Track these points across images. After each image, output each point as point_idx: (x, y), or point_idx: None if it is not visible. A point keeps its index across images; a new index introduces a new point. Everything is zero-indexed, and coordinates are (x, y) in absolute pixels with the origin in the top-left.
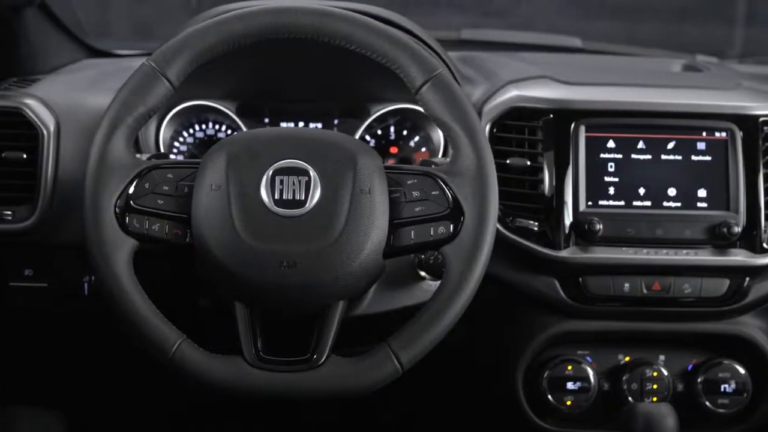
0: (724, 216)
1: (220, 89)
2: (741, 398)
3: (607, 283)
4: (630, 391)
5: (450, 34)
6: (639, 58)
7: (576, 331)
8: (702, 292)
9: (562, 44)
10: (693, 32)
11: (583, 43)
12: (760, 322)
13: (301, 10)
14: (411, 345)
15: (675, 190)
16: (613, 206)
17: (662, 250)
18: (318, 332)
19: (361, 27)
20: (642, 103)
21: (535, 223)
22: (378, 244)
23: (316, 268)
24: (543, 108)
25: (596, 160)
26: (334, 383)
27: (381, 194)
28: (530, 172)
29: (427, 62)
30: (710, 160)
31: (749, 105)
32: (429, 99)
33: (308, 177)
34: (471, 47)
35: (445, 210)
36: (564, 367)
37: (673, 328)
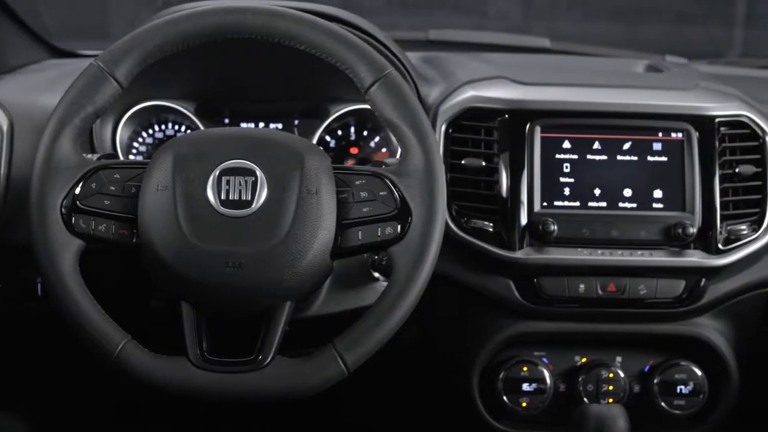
0: (680, 217)
1: (178, 89)
2: (697, 399)
3: (562, 284)
4: (586, 393)
5: (417, 34)
6: (603, 59)
7: (532, 332)
8: (657, 293)
9: (530, 44)
10: (692, 33)
11: (551, 43)
12: (717, 324)
13: (250, 10)
14: (356, 346)
15: (631, 191)
16: (568, 207)
17: (617, 250)
18: (264, 333)
19: (309, 27)
20: (597, 104)
21: (490, 224)
22: (325, 245)
23: (262, 269)
24: (498, 108)
25: (551, 160)
26: (278, 384)
27: (328, 195)
28: (486, 172)
29: (376, 62)
30: (666, 160)
31: (705, 106)
32: (378, 99)
33: (255, 177)
34: (439, 48)
35: (392, 211)
36: (520, 368)
37: (629, 330)
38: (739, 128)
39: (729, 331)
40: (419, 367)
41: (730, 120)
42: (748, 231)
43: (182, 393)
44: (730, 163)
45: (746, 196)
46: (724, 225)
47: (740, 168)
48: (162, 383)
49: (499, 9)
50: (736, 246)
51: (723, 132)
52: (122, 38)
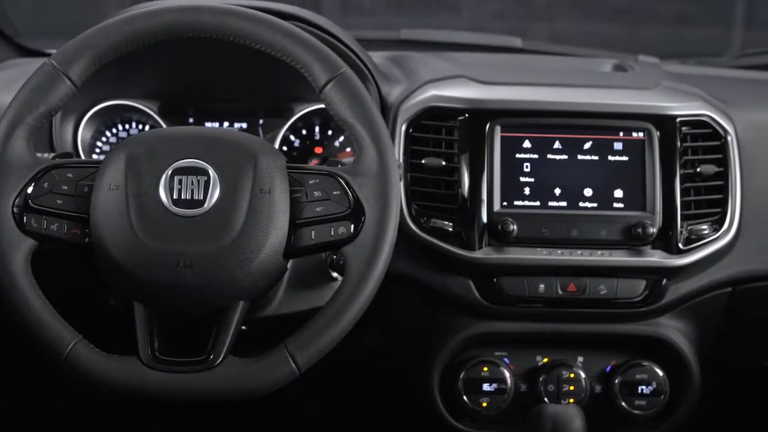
0: (640, 216)
1: (141, 89)
2: (658, 400)
3: (522, 284)
4: (547, 393)
5: (389, 33)
6: (573, 58)
7: (493, 332)
8: (618, 293)
9: (503, 44)
10: (692, 35)
11: (523, 43)
12: (679, 324)
13: (205, 9)
14: (308, 346)
15: (591, 191)
16: (528, 206)
17: (577, 250)
18: (216, 333)
19: (264, 26)
20: (557, 103)
21: (449, 223)
22: (277, 245)
23: (213, 269)
24: (458, 108)
25: (512, 160)
26: (229, 384)
27: (281, 194)
28: (446, 172)
29: (330, 61)
30: (627, 160)
31: (666, 105)
32: (332, 98)
33: (207, 177)
34: (410, 47)
35: (345, 210)
36: (480, 368)
37: (590, 330)
38: (701, 128)
39: (691, 332)
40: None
41: (691, 119)
42: (710, 231)
43: (131, 393)
44: (692, 163)
45: (708, 195)
46: (685, 225)
47: (702, 168)
48: (111, 383)
49: (497, 9)
50: (696, 246)
51: (685, 131)
52: (76, 37)
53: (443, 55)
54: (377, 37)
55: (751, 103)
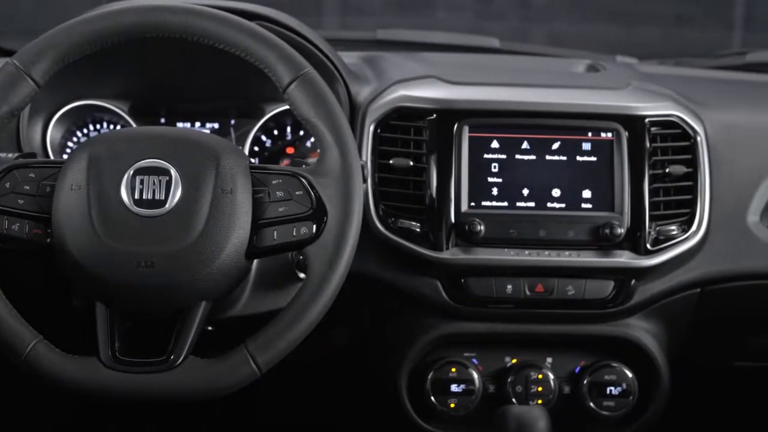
0: (608, 217)
1: (111, 89)
2: (627, 401)
3: (489, 285)
4: (515, 394)
5: (366, 34)
6: (547, 59)
7: (461, 332)
8: (586, 294)
9: (480, 44)
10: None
11: (500, 43)
12: (648, 325)
13: (169, 9)
14: (268, 347)
15: (559, 191)
16: (495, 207)
17: (545, 251)
18: (177, 333)
19: (228, 26)
20: (525, 103)
21: (417, 224)
22: (239, 245)
23: (174, 269)
24: (426, 108)
25: (480, 160)
26: (188, 385)
27: (243, 194)
28: (414, 172)
29: (294, 61)
30: (595, 160)
31: (635, 105)
32: (296, 98)
33: (169, 177)
34: (387, 47)
35: (308, 210)
36: (448, 369)
37: (559, 330)
38: (670, 128)
39: (660, 332)
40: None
41: (660, 120)
42: (678, 231)
43: (91, 393)
44: (661, 163)
45: (677, 196)
46: (654, 225)
47: (671, 168)
48: (71, 383)
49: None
50: (665, 246)
51: (654, 132)
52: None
53: (416, 56)
54: (354, 38)
55: (722, 103)
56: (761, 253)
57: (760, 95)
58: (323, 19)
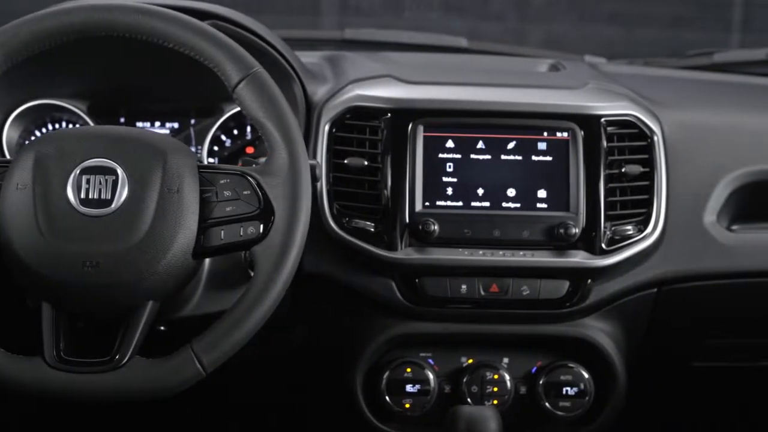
0: (563, 217)
1: (69, 88)
2: (583, 401)
3: (444, 285)
4: (471, 394)
5: (334, 33)
6: (511, 58)
7: (417, 333)
8: (541, 294)
9: (448, 44)
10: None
11: (468, 43)
12: (604, 325)
13: (117, 8)
14: (214, 348)
15: (514, 191)
16: (450, 207)
17: (499, 251)
18: (123, 333)
19: (177, 25)
20: (480, 103)
21: (371, 224)
22: (186, 245)
23: (120, 269)
24: (381, 107)
25: (434, 160)
26: (132, 385)
27: (190, 194)
28: (368, 172)
29: (243, 60)
30: (551, 160)
31: (591, 105)
32: (244, 97)
33: (116, 176)
34: (354, 47)
35: (255, 210)
36: (403, 369)
37: (515, 331)
38: (627, 128)
39: (616, 333)
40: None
41: (617, 119)
42: (634, 231)
43: (34, 393)
44: (618, 163)
45: (633, 196)
46: (609, 225)
47: (627, 168)
48: (13, 383)
49: (496, 11)
50: (620, 246)
51: (610, 131)
52: None
53: (379, 55)
54: (322, 37)
55: (681, 103)
56: (718, 253)
57: (720, 95)
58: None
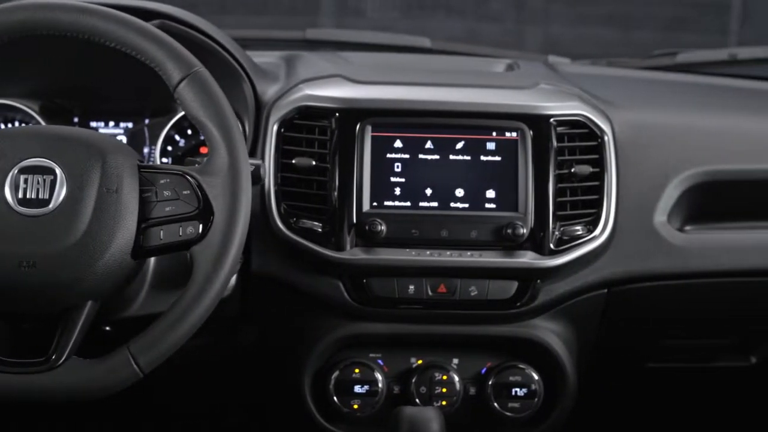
0: (512, 217)
1: (20, 88)
2: (532, 402)
3: (391, 285)
4: (419, 395)
5: (295, 33)
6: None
7: (365, 333)
8: (489, 295)
9: (411, 44)
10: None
11: (431, 43)
12: (554, 326)
13: (58, 7)
14: (150, 348)
15: (463, 191)
16: (398, 207)
17: (447, 251)
18: (60, 333)
19: (118, 24)
20: (428, 102)
21: (319, 224)
22: (124, 245)
23: (57, 269)
24: (329, 107)
25: (382, 160)
26: (68, 385)
27: (130, 193)
28: (317, 172)
29: (184, 59)
30: (500, 160)
31: (540, 105)
32: (185, 97)
33: (54, 176)
34: (316, 47)
35: (194, 210)
36: (352, 370)
37: (465, 331)
38: (578, 128)
39: (567, 334)
40: (256, 367)
41: (567, 119)
42: (584, 232)
43: None
44: (568, 163)
45: (583, 196)
46: (558, 225)
47: (576, 168)
48: None
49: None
50: (569, 247)
51: (560, 131)
52: None
53: (336, 55)
54: (284, 37)
55: (635, 103)
56: (668, 254)
57: (676, 95)
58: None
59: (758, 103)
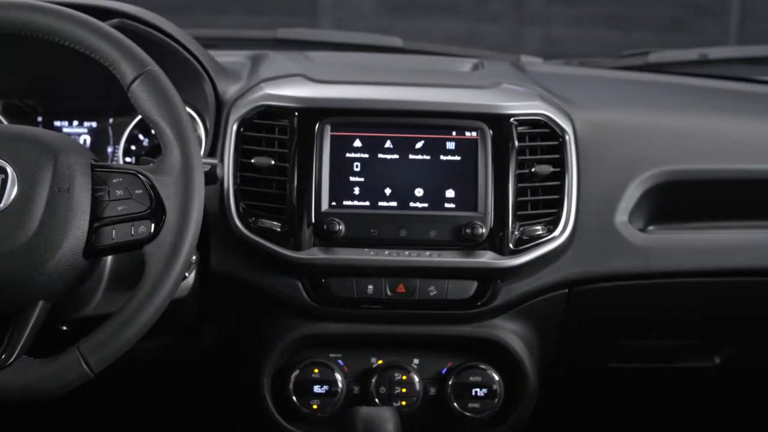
0: (471, 217)
1: None
2: (492, 402)
3: (350, 285)
4: (379, 395)
5: (266, 33)
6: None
7: (325, 333)
8: (449, 294)
9: (383, 44)
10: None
11: (403, 42)
12: (514, 326)
13: (11, 5)
14: (101, 348)
15: (422, 191)
16: (357, 207)
17: (405, 251)
18: (11, 333)
19: (71, 23)
20: (387, 102)
21: (278, 223)
22: (76, 244)
23: (7, 268)
24: (288, 106)
25: (341, 159)
26: (18, 385)
27: (81, 193)
28: (276, 171)
29: (137, 58)
30: (459, 160)
31: (500, 104)
32: (139, 96)
33: (5, 175)
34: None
35: (147, 209)
36: (311, 370)
37: (425, 331)
38: (539, 127)
39: (528, 334)
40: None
41: (528, 119)
42: (544, 232)
43: None
44: (529, 163)
45: (544, 196)
46: (518, 225)
47: (537, 168)
48: None
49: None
50: (529, 247)
51: (521, 131)
52: None
53: (302, 55)
54: (255, 36)
55: (599, 103)
56: (629, 254)
57: (642, 95)
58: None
59: (725, 103)
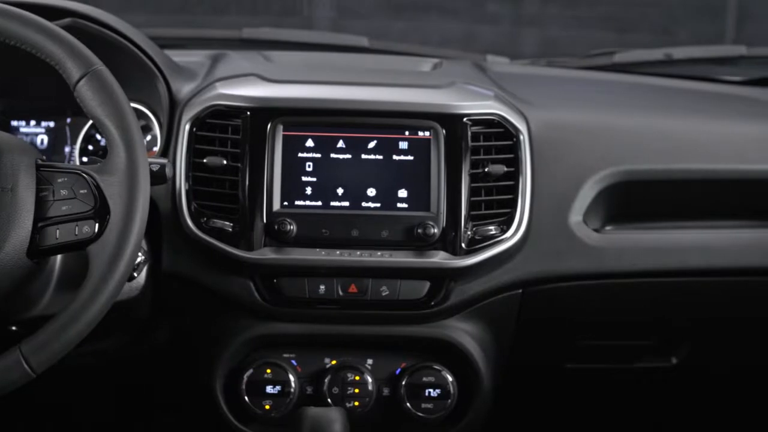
0: (423, 217)
1: None
2: (445, 403)
3: (302, 285)
4: (332, 395)
5: (232, 32)
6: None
7: (278, 333)
8: (401, 295)
9: (349, 43)
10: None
11: (369, 42)
12: (468, 326)
13: None
14: (43, 349)
15: (374, 191)
16: (309, 206)
17: (357, 251)
18: None
19: (16, 21)
20: (339, 101)
21: (230, 223)
22: (19, 244)
23: None
24: (240, 106)
25: (294, 159)
26: None
27: (25, 192)
28: (228, 171)
29: (83, 57)
30: (412, 159)
31: (453, 104)
32: (84, 95)
33: None
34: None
35: (91, 209)
36: (263, 370)
37: (379, 332)
38: (493, 127)
39: (482, 334)
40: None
41: (482, 118)
42: (497, 231)
43: None
44: (483, 163)
45: (498, 196)
46: (471, 225)
47: (490, 167)
48: None
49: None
50: (482, 247)
51: (475, 131)
52: None
53: (260, 54)
54: (219, 36)
55: (555, 103)
56: (583, 254)
57: (601, 95)
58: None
59: (686, 103)
